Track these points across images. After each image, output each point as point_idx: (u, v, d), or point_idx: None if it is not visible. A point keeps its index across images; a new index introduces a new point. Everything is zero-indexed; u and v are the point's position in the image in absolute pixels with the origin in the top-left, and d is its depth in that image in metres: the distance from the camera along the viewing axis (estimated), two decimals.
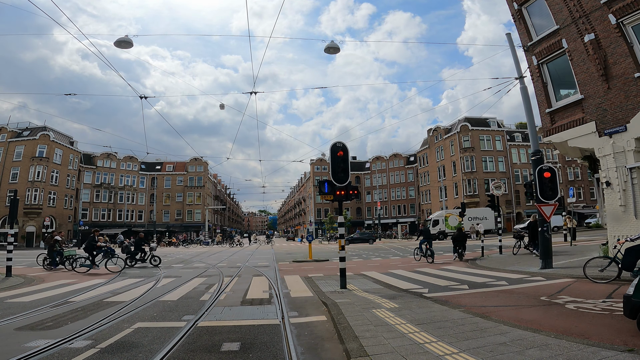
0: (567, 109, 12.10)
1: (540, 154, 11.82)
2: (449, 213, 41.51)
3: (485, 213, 40.05)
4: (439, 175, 54.10)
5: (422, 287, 8.90)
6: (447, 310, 5.91)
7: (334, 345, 4.58)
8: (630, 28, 10.13)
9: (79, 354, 4.29)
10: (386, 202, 66.11)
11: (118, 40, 10.89)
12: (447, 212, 42.61)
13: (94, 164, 55.54)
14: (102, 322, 5.77)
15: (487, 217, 39.45)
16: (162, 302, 7.54)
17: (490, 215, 40.17)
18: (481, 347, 4.03)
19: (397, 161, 67.54)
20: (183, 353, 4.36)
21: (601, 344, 3.98)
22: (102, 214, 55.33)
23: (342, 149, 8.60)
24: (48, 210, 44.45)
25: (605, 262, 8.65)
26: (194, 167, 65.23)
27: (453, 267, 12.65)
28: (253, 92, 14.13)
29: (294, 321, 5.84)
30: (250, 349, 4.50)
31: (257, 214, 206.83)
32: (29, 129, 45.89)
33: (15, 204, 12.84)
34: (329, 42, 11.94)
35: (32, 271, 14.18)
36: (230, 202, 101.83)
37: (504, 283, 8.99)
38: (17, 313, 6.59)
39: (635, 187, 10.17)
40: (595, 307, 5.97)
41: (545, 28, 12.48)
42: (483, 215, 39.83)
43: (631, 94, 10.09)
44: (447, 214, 41.18)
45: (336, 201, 8.79)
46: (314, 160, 68.29)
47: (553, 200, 10.75)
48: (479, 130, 49.48)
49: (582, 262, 9.75)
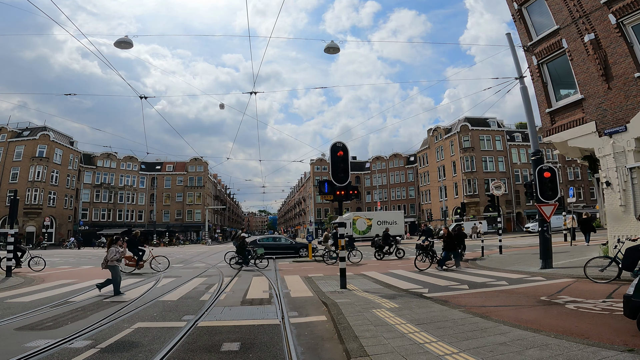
0: (567, 109, 12.09)
1: (540, 154, 11.83)
2: (357, 216, 37.87)
3: (395, 217, 37.92)
4: (439, 175, 54.10)
5: (422, 287, 8.90)
6: (447, 310, 5.91)
7: (334, 345, 4.58)
8: (630, 28, 10.13)
9: (79, 354, 4.29)
10: (386, 202, 66.07)
11: (118, 40, 10.88)
12: (355, 214, 39.07)
13: (94, 164, 55.51)
14: (102, 322, 5.77)
15: (396, 222, 36.81)
16: (162, 302, 7.54)
17: (400, 220, 37.95)
18: (481, 347, 4.03)
19: (397, 161, 67.52)
20: (183, 353, 4.36)
21: (601, 344, 3.98)
22: (102, 214, 55.29)
23: (342, 149, 8.59)
24: (48, 210, 44.44)
25: (605, 262, 8.65)
26: (194, 167, 65.21)
27: (453, 267, 12.64)
28: (253, 92, 14.13)
29: (294, 321, 5.84)
30: (250, 349, 4.50)
31: (257, 214, 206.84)
32: (29, 129, 45.87)
33: (15, 204, 12.84)
34: (329, 42, 11.94)
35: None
36: (230, 202, 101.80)
37: (504, 283, 8.99)
38: (17, 313, 6.59)
39: (635, 187, 10.17)
40: (595, 307, 5.97)
41: (545, 28, 12.48)
42: (392, 220, 36.99)
43: (631, 94, 10.09)
44: (355, 217, 37.38)
45: (336, 201, 8.79)
46: (314, 160, 68.26)
47: (553, 200, 10.75)
48: (479, 130, 49.46)
49: (582, 262, 9.76)
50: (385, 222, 35.69)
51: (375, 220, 36.33)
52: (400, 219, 38.48)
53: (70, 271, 14.44)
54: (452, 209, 49.23)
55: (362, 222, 36.12)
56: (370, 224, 35.64)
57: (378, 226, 35.10)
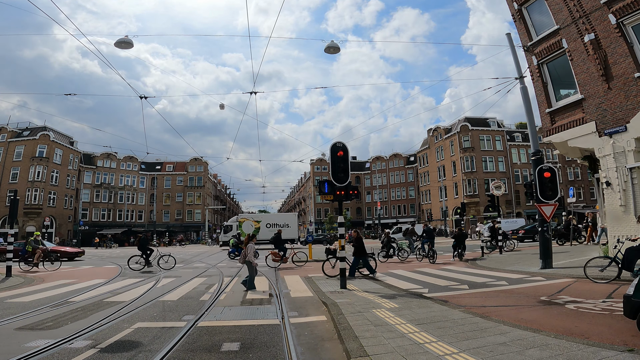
0: (567, 109, 12.10)
1: (540, 154, 11.82)
2: (244, 218, 36.32)
3: (288, 219, 35.99)
4: (439, 175, 54.11)
5: (422, 287, 8.90)
6: (447, 310, 5.91)
7: (334, 345, 4.58)
8: (630, 28, 10.13)
9: (79, 354, 4.29)
10: (386, 202, 66.08)
11: (118, 40, 10.88)
12: (242, 216, 37.47)
13: (94, 164, 55.50)
14: (102, 322, 5.77)
15: (289, 224, 34.58)
16: (162, 302, 7.54)
17: (293, 222, 35.68)
18: (481, 347, 4.03)
19: (397, 161, 67.52)
20: (183, 353, 4.36)
21: (601, 344, 3.98)
22: (102, 214, 55.27)
23: (342, 149, 8.59)
24: (48, 210, 44.43)
25: (605, 262, 8.65)
26: (194, 167, 65.21)
27: (453, 267, 12.65)
28: (253, 92, 14.13)
29: (294, 321, 5.84)
30: (250, 349, 4.50)
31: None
32: (29, 128, 45.87)
33: (15, 204, 12.84)
34: (329, 42, 11.93)
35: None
36: (230, 202, 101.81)
37: (504, 283, 8.99)
38: (17, 313, 6.59)
39: (635, 187, 10.17)
40: (595, 307, 5.97)
41: (545, 28, 12.48)
42: (284, 222, 34.80)
43: (631, 94, 10.09)
44: (242, 219, 35.83)
45: (336, 201, 8.80)
46: (314, 160, 68.24)
47: (553, 200, 10.75)
48: (479, 130, 49.48)
49: (582, 262, 9.75)
50: (275, 225, 33.38)
51: (264, 223, 34.52)
52: (294, 221, 36.20)
53: (71, 271, 14.45)
54: (452, 209, 49.23)
55: (248, 224, 34.30)
56: (259, 226, 33.86)
57: (267, 229, 33.11)
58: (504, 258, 14.66)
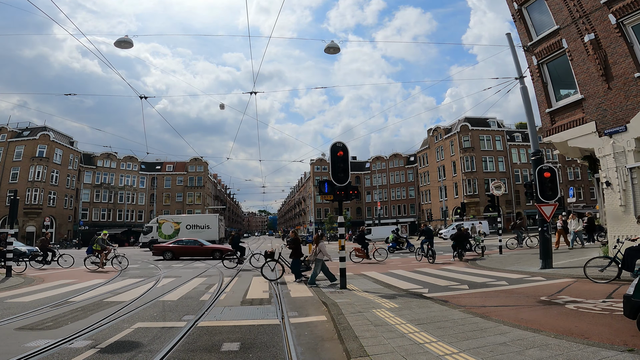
0: (567, 109, 12.09)
1: (540, 154, 11.82)
2: (164, 219, 35.13)
3: (209, 220, 34.64)
4: (439, 175, 54.11)
5: (422, 287, 8.90)
6: (447, 310, 5.91)
7: (334, 345, 4.58)
8: (630, 28, 10.13)
9: (79, 354, 4.30)
10: (386, 202, 66.09)
11: (118, 40, 10.87)
12: (162, 218, 36.08)
13: (94, 164, 55.51)
14: (102, 322, 5.77)
15: (209, 226, 33.57)
16: (162, 302, 7.54)
17: (214, 224, 34.18)
18: (481, 347, 4.03)
19: (397, 161, 67.53)
20: (183, 353, 4.36)
21: (601, 344, 3.98)
22: (102, 214, 55.28)
23: (342, 149, 8.60)
24: (48, 210, 44.44)
25: (605, 262, 8.64)
26: (194, 167, 65.26)
27: (453, 267, 12.65)
28: (253, 92, 14.12)
29: (294, 321, 5.84)
30: (250, 349, 4.50)
31: (257, 214, 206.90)
32: (29, 128, 45.87)
33: (15, 204, 12.84)
34: (329, 42, 11.92)
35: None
36: (230, 202, 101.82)
37: (504, 283, 8.99)
38: (17, 313, 6.59)
39: (635, 187, 10.17)
40: (595, 307, 5.97)
41: (545, 28, 12.47)
42: (205, 224, 33.63)
43: (631, 94, 10.09)
44: (162, 221, 34.64)
45: (336, 201, 8.80)
46: (314, 160, 68.27)
47: (553, 200, 10.74)
48: (479, 130, 49.48)
49: (582, 262, 9.75)
50: (196, 227, 32.93)
51: (184, 224, 33.61)
52: (215, 222, 34.79)
53: (71, 271, 14.44)
54: (452, 209, 49.23)
55: (168, 225, 33.51)
56: (178, 227, 33.16)
57: (187, 230, 32.29)
58: (504, 258, 14.66)
